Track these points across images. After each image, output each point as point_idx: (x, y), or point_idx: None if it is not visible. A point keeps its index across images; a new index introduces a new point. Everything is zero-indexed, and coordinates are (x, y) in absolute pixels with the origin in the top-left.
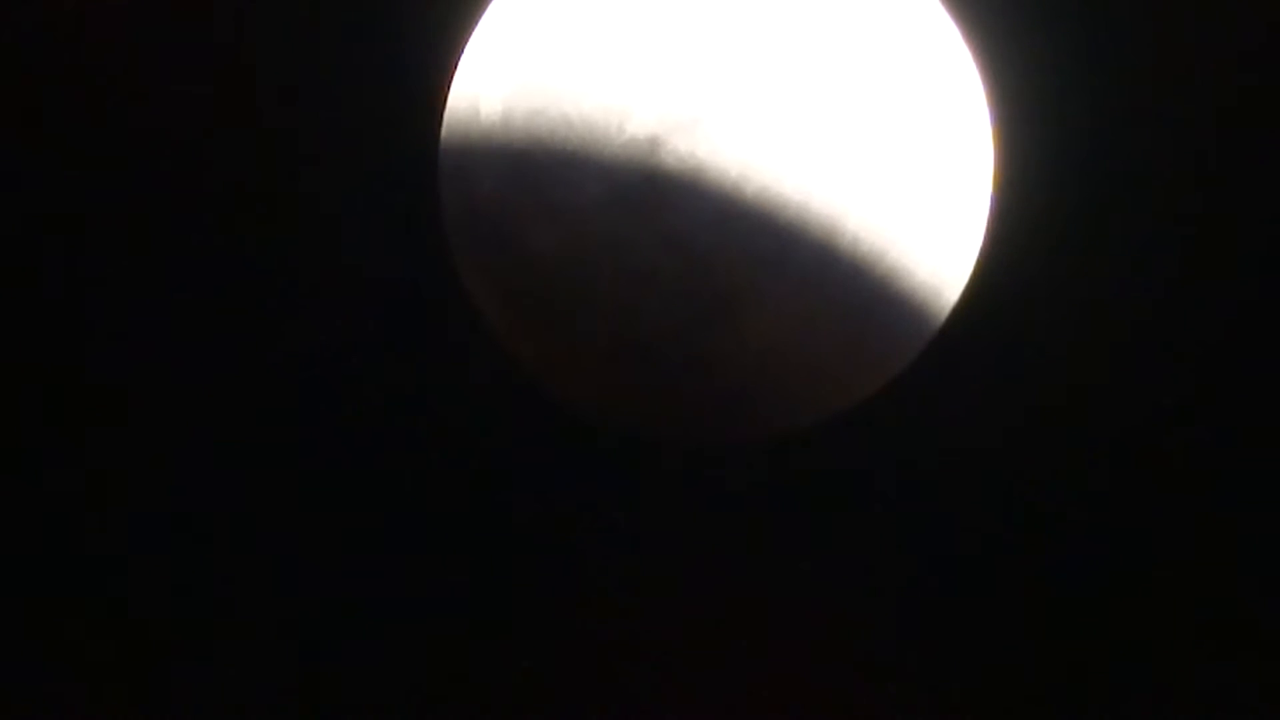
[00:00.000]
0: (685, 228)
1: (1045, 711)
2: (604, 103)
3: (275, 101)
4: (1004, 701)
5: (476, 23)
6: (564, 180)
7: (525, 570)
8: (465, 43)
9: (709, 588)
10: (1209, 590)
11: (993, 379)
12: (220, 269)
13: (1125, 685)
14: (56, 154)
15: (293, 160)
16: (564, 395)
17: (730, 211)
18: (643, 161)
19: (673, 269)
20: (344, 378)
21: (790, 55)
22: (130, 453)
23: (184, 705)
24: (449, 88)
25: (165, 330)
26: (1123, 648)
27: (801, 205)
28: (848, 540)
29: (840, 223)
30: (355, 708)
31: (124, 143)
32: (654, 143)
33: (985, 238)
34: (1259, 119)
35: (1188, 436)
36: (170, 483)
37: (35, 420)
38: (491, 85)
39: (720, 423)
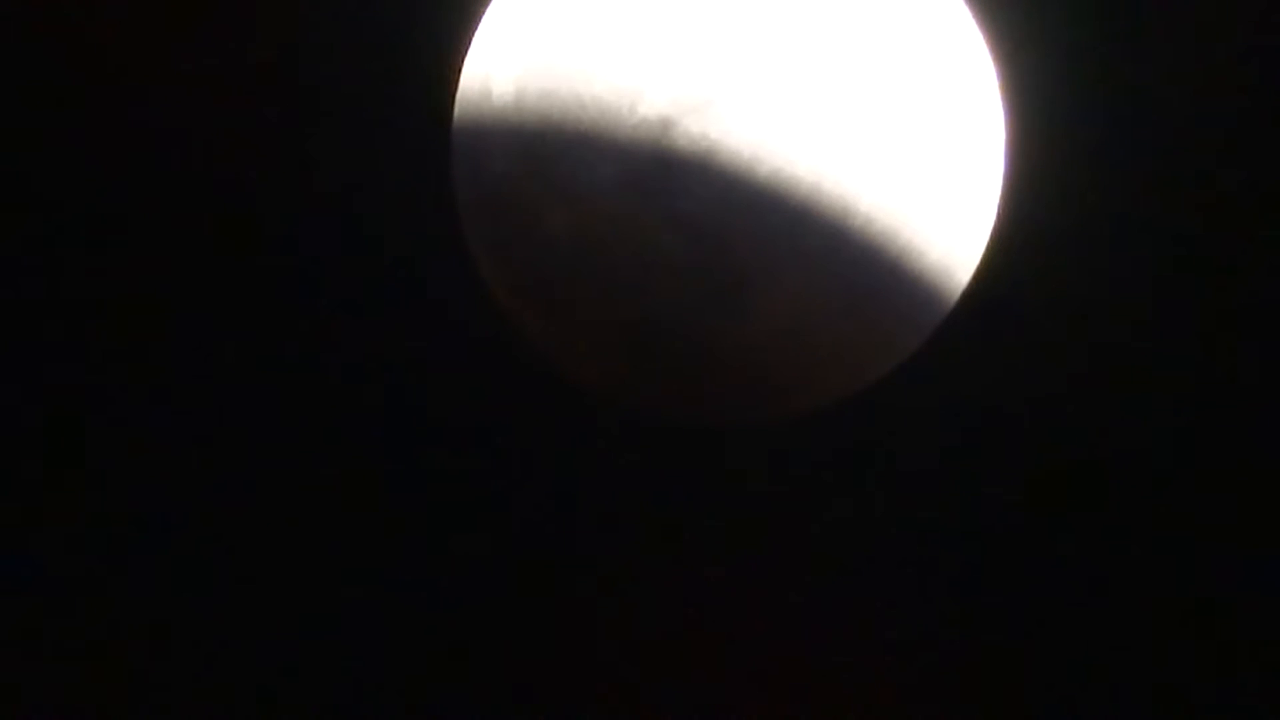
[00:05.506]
0: (697, 209)
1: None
2: (616, 84)
3: (284, 85)
4: (1008, 695)
5: (489, 3)
6: (576, 162)
7: (531, 555)
8: (478, 24)
9: (717, 572)
10: (1210, 581)
11: (1002, 361)
12: (226, 260)
13: (1127, 680)
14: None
15: (303, 142)
16: (574, 376)
17: (742, 193)
18: (655, 143)
19: (684, 250)
20: (355, 362)
21: (802, 37)
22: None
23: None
24: (461, 69)
25: (169, 322)
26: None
27: (813, 187)
28: (855, 521)
29: (852, 204)
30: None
31: (124, 138)
32: (666, 124)
33: (996, 219)
34: (1270, 114)
35: (1193, 427)
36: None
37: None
38: (504, 66)
39: (730, 404)
